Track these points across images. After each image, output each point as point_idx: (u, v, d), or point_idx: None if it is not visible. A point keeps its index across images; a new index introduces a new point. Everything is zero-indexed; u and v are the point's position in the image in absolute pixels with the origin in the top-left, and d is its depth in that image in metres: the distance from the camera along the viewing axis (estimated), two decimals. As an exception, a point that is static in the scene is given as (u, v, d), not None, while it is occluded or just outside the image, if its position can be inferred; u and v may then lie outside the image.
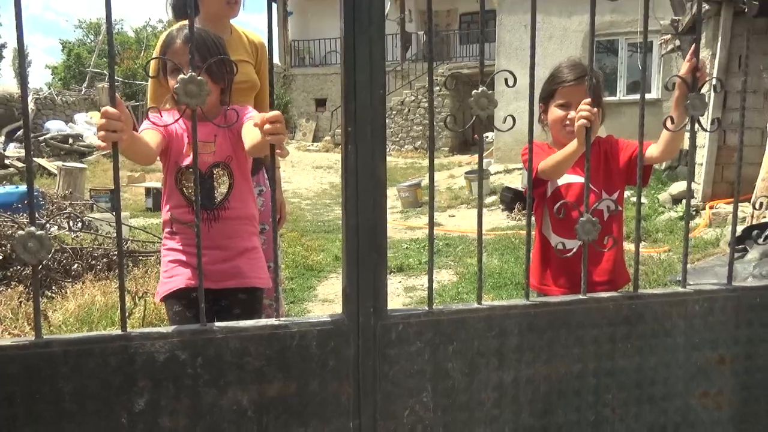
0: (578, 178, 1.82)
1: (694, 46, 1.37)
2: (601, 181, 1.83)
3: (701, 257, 4.31)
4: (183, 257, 1.81)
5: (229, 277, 1.82)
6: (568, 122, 1.78)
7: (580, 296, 1.36)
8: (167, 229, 1.86)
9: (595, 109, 1.44)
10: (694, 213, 5.98)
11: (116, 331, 1.11)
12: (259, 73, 2.24)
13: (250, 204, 1.88)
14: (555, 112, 1.81)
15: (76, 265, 3.61)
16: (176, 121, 1.66)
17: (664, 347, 1.40)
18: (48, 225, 4.06)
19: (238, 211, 1.82)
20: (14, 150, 12.21)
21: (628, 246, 2.88)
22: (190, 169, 1.74)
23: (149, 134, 1.71)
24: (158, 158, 1.80)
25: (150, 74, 1.93)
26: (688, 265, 3.65)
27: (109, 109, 1.21)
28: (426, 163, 12.70)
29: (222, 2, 2.06)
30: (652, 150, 1.70)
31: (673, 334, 1.40)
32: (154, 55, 1.93)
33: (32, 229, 1.03)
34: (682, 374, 1.42)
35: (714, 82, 1.56)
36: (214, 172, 1.79)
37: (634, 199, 1.55)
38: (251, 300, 1.86)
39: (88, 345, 1.08)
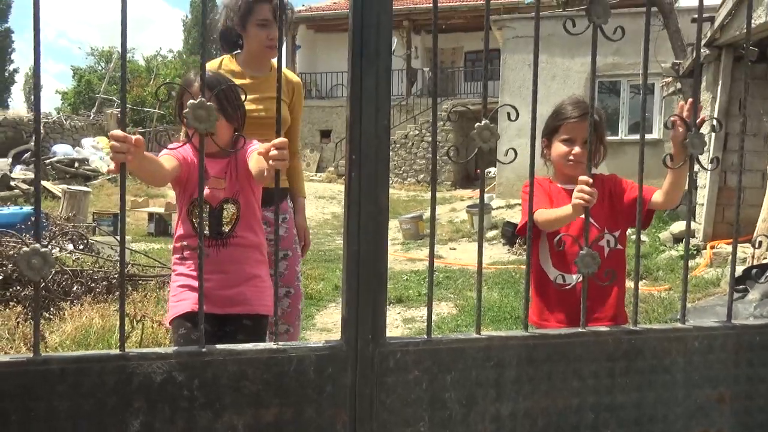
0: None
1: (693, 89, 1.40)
2: (603, 218, 1.85)
3: (702, 296, 4.29)
4: (192, 282, 1.86)
5: (234, 304, 1.87)
6: (572, 157, 1.82)
7: (580, 329, 1.36)
8: (177, 255, 1.93)
9: (595, 190, 1.47)
10: (695, 252, 5.98)
11: (114, 351, 1.11)
12: (292, 111, 2.39)
13: (258, 233, 1.94)
14: (559, 147, 1.85)
15: (75, 287, 3.60)
16: (184, 144, 1.71)
17: (664, 384, 1.39)
18: (50, 246, 4.07)
19: (245, 240, 1.90)
20: (20, 172, 12.32)
21: (629, 284, 2.87)
22: (204, 204, 1.82)
23: (165, 159, 1.78)
24: (171, 185, 1.88)
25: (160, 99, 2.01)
26: (689, 304, 3.62)
27: (116, 132, 1.25)
28: (428, 195, 12.76)
29: (262, 45, 2.21)
30: (657, 197, 1.71)
31: (673, 370, 1.40)
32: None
33: (37, 245, 1.05)
34: (681, 412, 1.40)
35: (714, 122, 1.58)
36: (224, 207, 1.88)
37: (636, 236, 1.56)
38: (255, 327, 1.90)
39: (86, 363, 1.08)
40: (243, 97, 1.50)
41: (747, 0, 1.45)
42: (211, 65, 2.30)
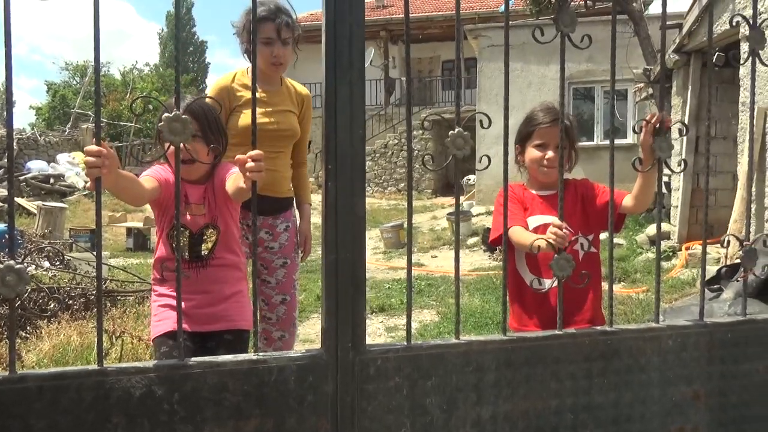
0: (552, 219, 1.87)
1: (657, 100, 1.45)
2: (576, 221, 1.88)
3: (678, 297, 4.37)
4: (172, 301, 1.87)
5: (216, 320, 1.90)
6: (546, 162, 1.85)
7: (557, 332, 1.38)
8: (157, 277, 1.95)
9: (566, 233, 1.50)
10: (670, 254, 6.09)
11: (93, 366, 1.10)
12: (301, 122, 2.49)
13: (237, 253, 1.99)
14: (532, 152, 1.89)
15: (52, 305, 3.54)
16: (159, 164, 1.73)
17: (640, 383, 1.42)
18: (25, 263, 4.00)
19: (225, 260, 1.94)
20: (-7, 189, 12.06)
21: (606, 286, 2.91)
22: (183, 229, 1.88)
23: (145, 179, 1.81)
24: (150, 206, 1.92)
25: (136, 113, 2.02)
26: (666, 305, 3.67)
27: (91, 147, 1.26)
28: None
29: (267, 62, 2.31)
30: (627, 201, 1.75)
31: (648, 369, 1.42)
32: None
33: (11, 262, 1.04)
34: (657, 410, 1.43)
35: (680, 126, 1.63)
36: (204, 232, 1.92)
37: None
38: (236, 341, 1.93)
39: (64, 380, 1.07)
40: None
41: (712, 10, 1.50)
42: (225, 79, 2.39)
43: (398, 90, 18.67)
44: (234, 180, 1.76)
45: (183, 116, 1.12)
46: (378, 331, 4.25)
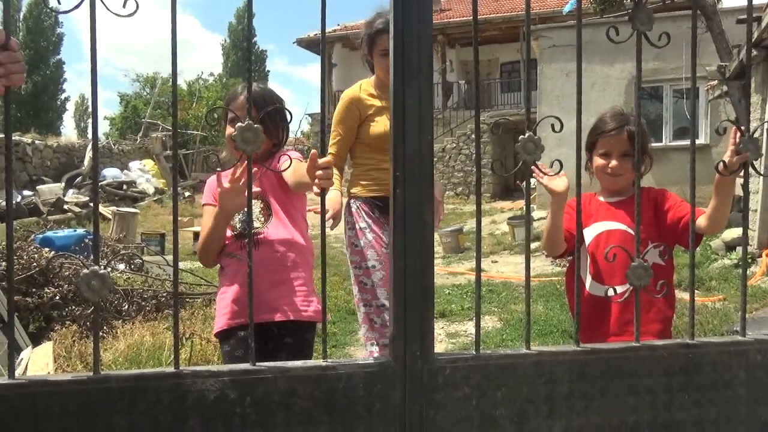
0: (618, 225, 1.81)
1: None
2: (645, 230, 1.80)
3: (759, 307, 4.11)
4: (225, 293, 1.89)
5: (266, 311, 1.79)
6: (609, 170, 1.83)
7: (634, 344, 1.32)
8: (219, 267, 1.95)
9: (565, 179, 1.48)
10: (750, 261, 5.74)
11: (169, 368, 1.13)
12: None
13: (294, 233, 1.89)
14: (597, 161, 1.87)
15: (126, 306, 3.72)
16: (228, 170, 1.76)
17: (725, 400, 1.33)
18: (106, 267, 4.22)
19: (275, 236, 1.86)
20: (73, 196, 12.83)
21: (680, 295, 2.76)
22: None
23: (209, 214, 1.86)
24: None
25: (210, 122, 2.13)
26: (747, 315, 3.47)
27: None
28: (467, 208, 12.66)
29: (385, 72, 2.36)
30: (701, 221, 1.66)
31: (734, 385, 1.34)
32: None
33: (96, 268, 1.09)
34: (744, 429, 1.34)
35: (766, 126, 1.52)
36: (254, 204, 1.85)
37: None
38: (296, 343, 1.84)
39: (143, 381, 1.11)
40: (288, 117, 1.55)
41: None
42: (353, 90, 2.52)
43: (456, 93, 18.55)
44: (294, 172, 1.71)
45: (255, 126, 1.14)
46: (439, 336, 4.21)
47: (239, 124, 1.14)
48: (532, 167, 1.59)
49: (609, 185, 1.87)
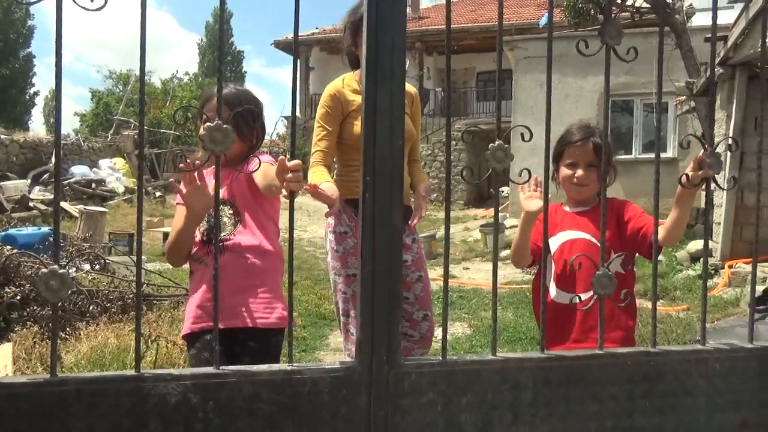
0: (582, 234, 1.85)
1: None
2: (608, 239, 1.84)
3: (721, 317, 4.21)
4: (193, 298, 1.89)
5: (232, 316, 1.78)
6: (575, 180, 1.88)
7: (597, 351, 1.34)
8: (190, 270, 1.95)
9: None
10: (713, 272, 5.89)
11: (130, 371, 1.11)
12: (413, 121, 2.42)
13: (261, 239, 1.88)
14: (563, 171, 1.91)
15: (91, 307, 3.63)
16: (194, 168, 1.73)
17: (686, 407, 1.36)
18: (67, 267, 4.12)
19: (244, 243, 1.84)
20: (39, 193, 12.51)
21: (645, 304, 2.81)
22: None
23: (181, 213, 1.83)
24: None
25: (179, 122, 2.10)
26: (708, 325, 3.54)
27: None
28: (441, 214, 12.72)
29: None
30: (659, 233, 1.69)
31: (694, 393, 1.36)
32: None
33: (55, 267, 1.06)
34: (703, 437, 1.37)
35: (729, 141, 1.57)
36: (222, 209, 1.85)
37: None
38: (260, 347, 1.82)
39: (102, 384, 1.08)
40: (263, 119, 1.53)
41: (761, 18, 1.44)
42: (335, 84, 2.35)
43: (432, 101, 18.67)
44: (265, 175, 1.71)
45: (225, 126, 1.13)
46: (409, 342, 4.21)
47: (208, 124, 1.12)
48: (520, 187, 1.66)
49: (575, 195, 1.91)
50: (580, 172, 1.86)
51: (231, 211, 1.88)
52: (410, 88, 2.41)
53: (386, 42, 1.18)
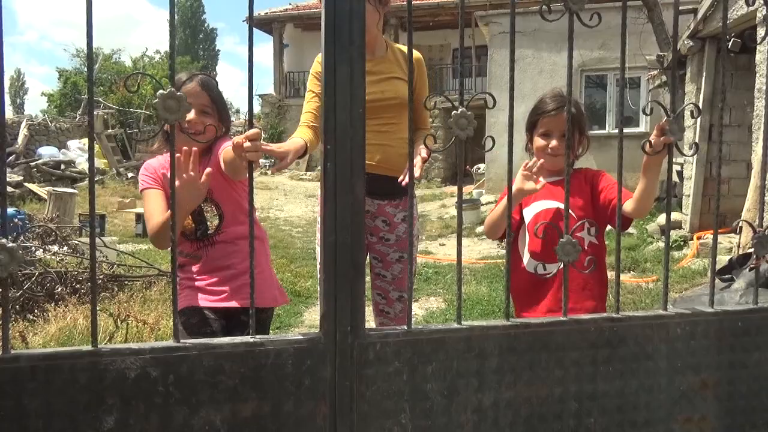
0: (556, 204, 1.85)
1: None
2: (582, 209, 1.85)
3: (689, 287, 4.31)
4: (187, 282, 1.91)
5: (233, 297, 1.86)
6: (550, 150, 1.86)
7: (561, 318, 1.35)
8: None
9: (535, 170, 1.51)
10: (682, 243, 6.02)
11: (86, 347, 1.09)
12: (415, 88, 2.26)
13: (246, 223, 1.89)
14: (537, 141, 1.90)
15: (59, 288, 3.56)
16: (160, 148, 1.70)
17: (646, 371, 1.39)
18: (33, 248, 4.03)
19: (234, 233, 1.90)
20: (5, 175, 12.16)
21: (611, 274, 2.84)
22: None
23: (153, 200, 1.81)
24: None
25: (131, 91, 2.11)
26: (676, 294, 3.62)
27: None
28: (419, 192, 12.73)
29: (371, 27, 2.12)
30: (627, 206, 1.71)
31: (655, 357, 1.39)
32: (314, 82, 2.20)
33: (3, 241, 1.02)
34: (664, 399, 1.40)
35: (692, 108, 1.58)
36: (204, 207, 1.88)
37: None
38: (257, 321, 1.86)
39: (57, 360, 1.05)
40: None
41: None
42: None
43: (408, 77, 18.55)
44: (225, 153, 1.70)
45: (178, 93, 1.09)
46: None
47: (161, 91, 1.09)
48: (526, 163, 1.69)
49: (549, 165, 1.89)
50: (554, 142, 1.84)
51: (211, 206, 1.89)
52: (415, 54, 2.22)
53: (344, 8, 1.15)
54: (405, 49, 2.31)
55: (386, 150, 2.17)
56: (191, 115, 1.77)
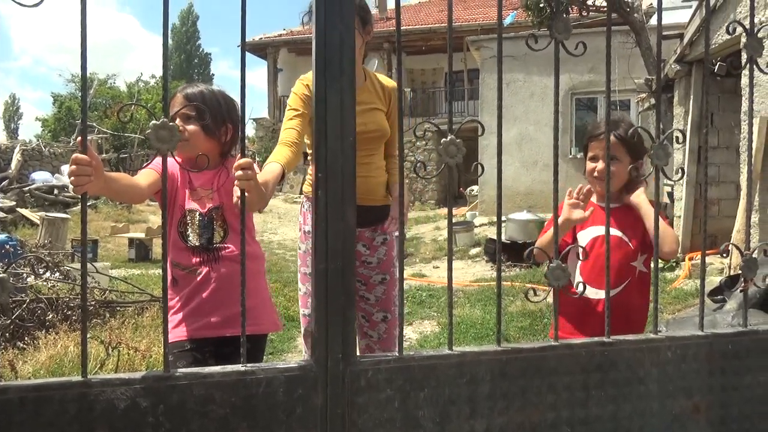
0: (613, 231, 1.81)
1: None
2: (637, 238, 1.85)
3: (681, 308, 4.32)
4: (178, 310, 1.83)
5: (228, 326, 1.81)
6: (596, 174, 1.87)
7: (553, 342, 1.36)
8: (171, 279, 1.88)
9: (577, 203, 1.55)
10: (674, 264, 6.04)
11: (76, 377, 1.08)
12: (389, 117, 2.33)
13: (251, 243, 1.91)
14: (587, 165, 1.92)
15: (50, 315, 3.53)
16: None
17: (638, 395, 1.39)
18: (25, 275, 4.00)
19: (238, 252, 1.82)
20: (-3, 200, 12.11)
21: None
22: (193, 212, 1.85)
23: (144, 174, 1.76)
24: (155, 197, 1.82)
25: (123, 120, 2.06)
26: (669, 316, 3.63)
27: (79, 155, 1.24)
28: (411, 215, 12.77)
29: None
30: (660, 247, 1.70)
31: (647, 381, 1.39)
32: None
33: (-5, 271, 1.02)
34: (657, 423, 1.40)
35: (677, 134, 1.60)
36: (215, 215, 1.86)
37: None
38: (253, 348, 1.81)
39: (47, 391, 1.05)
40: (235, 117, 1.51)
41: (709, 19, 1.48)
42: (308, 75, 2.22)
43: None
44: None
45: (170, 124, 1.11)
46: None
47: (153, 122, 1.10)
48: (570, 191, 1.72)
49: (598, 188, 1.87)
50: (600, 165, 1.84)
51: (221, 219, 1.86)
52: (389, 82, 2.37)
53: (335, 39, 1.18)
54: (382, 77, 2.38)
55: (369, 182, 2.21)
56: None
